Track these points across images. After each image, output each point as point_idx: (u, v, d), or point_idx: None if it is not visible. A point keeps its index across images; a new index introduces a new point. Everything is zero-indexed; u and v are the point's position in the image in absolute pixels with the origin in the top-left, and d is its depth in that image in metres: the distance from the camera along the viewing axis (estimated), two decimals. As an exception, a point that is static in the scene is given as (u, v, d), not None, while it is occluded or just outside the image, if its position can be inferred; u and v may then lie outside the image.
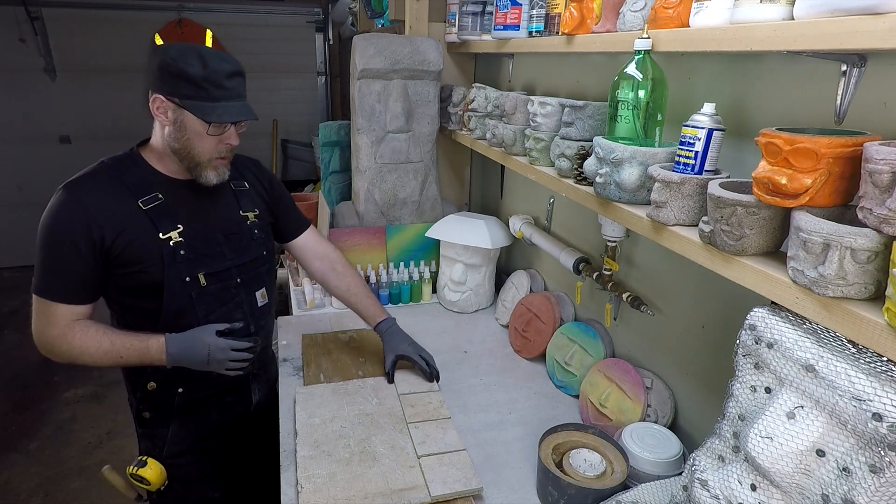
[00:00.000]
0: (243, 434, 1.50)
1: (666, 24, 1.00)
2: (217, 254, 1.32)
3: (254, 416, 1.52)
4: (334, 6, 4.47)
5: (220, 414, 1.44)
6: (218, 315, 1.33)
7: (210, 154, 1.26)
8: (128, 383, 1.39)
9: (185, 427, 1.40)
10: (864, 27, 0.64)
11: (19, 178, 4.78)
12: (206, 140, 1.24)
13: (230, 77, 1.22)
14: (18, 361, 3.56)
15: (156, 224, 1.24)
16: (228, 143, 1.27)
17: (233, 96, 1.23)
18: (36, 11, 4.44)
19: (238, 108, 1.24)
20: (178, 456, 1.40)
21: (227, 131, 1.25)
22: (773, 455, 0.74)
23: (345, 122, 2.35)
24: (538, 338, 1.76)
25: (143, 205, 1.24)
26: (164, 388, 1.35)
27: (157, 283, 1.24)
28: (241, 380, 1.45)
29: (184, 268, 1.26)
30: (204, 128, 1.22)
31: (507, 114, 1.57)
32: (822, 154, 0.70)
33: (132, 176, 1.26)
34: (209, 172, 1.28)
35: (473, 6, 1.86)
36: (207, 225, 1.33)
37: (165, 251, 1.24)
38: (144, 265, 1.23)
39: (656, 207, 0.96)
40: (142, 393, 1.35)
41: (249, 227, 1.40)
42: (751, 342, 0.83)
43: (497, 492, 1.23)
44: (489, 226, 2.01)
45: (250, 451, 1.53)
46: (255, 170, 1.51)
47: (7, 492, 2.56)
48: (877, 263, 0.66)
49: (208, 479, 1.46)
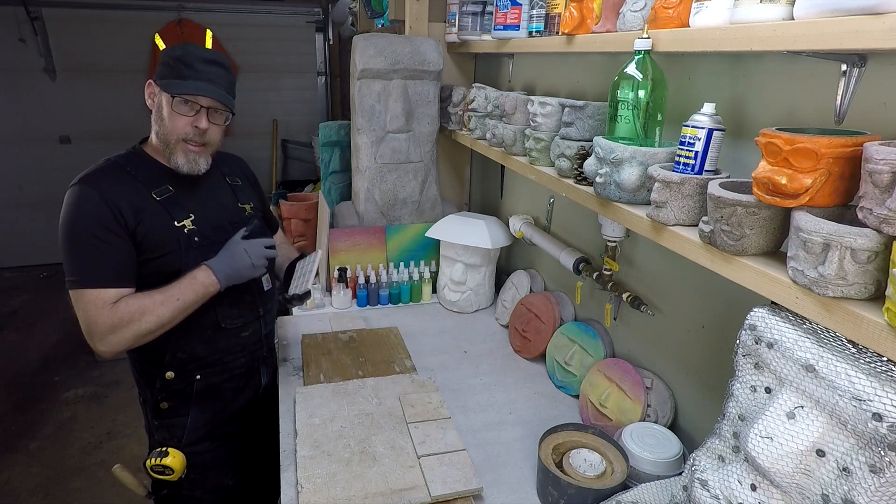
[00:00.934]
0: (253, 419, 1.56)
1: (666, 24, 1.00)
2: (226, 240, 1.37)
3: (261, 401, 1.58)
4: (334, 6, 4.47)
5: (234, 398, 1.50)
6: (231, 298, 1.39)
7: (178, 133, 1.28)
8: (142, 378, 1.42)
9: (204, 413, 1.45)
10: (864, 27, 0.64)
11: (19, 178, 4.78)
12: (176, 119, 1.27)
13: (205, 62, 1.28)
14: (18, 361, 3.56)
15: (170, 213, 1.30)
16: (196, 125, 1.28)
17: (202, 78, 1.27)
18: (36, 11, 4.44)
19: (202, 87, 1.27)
20: (196, 443, 1.45)
21: (197, 114, 1.28)
22: (773, 455, 0.74)
23: (345, 122, 2.35)
24: (538, 338, 1.76)
25: (156, 196, 1.29)
26: (182, 376, 1.39)
27: (175, 270, 1.29)
28: (252, 364, 1.52)
29: (199, 253, 1.32)
30: (170, 104, 1.26)
31: (507, 114, 1.57)
32: (822, 154, 0.70)
33: (141, 170, 1.31)
34: (179, 156, 1.31)
35: (473, 6, 1.86)
36: (215, 214, 1.39)
37: (181, 238, 1.30)
38: (163, 251, 1.28)
39: (656, 207, 0.96)
40: (161, 383, 1.38)
41: (248, 218, 1.47)
42: (751, 342, 0.83)
43: (497, 492, 1.23)
44: (489, 226, 2.01)
45: (258, 439, 1.58)
46: (244, 167, 1.60)
47: (7, 492, 2.56)
48: (877, 263, 0.66)
49: (223, 467, 1.51)
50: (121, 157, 1.32)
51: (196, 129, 1.29)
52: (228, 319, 1.41)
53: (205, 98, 1.27)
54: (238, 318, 1.43)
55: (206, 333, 1.39)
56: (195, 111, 1.28)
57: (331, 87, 5.54)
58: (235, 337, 1.44)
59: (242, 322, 1.45)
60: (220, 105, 1.30)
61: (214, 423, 1.47)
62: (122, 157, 1.32)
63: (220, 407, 1.47)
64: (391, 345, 1.79)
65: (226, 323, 1.41)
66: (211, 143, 1.34)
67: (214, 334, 1.40)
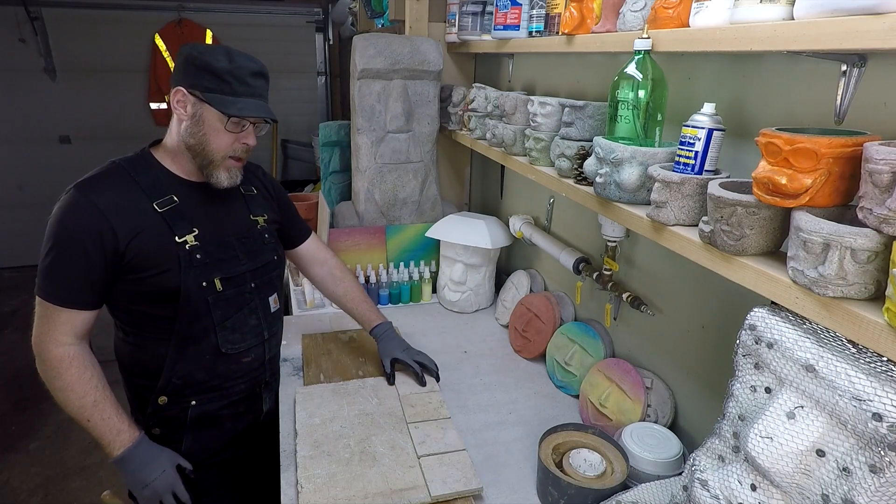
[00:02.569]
0: (253, 444, 1.48)
1: (666, 24, 1.00)
2: (232, 258, 1.30)
3: (262, 425, 1.50)
4: (334, 6, 4.46)
5: (233, 425, 1.41)
6: (234, 321, 1.31)
7: (224, 151, 1.23)
8: (133, 401, 1.35)
9: (198, 440, 1.36)
10: (864, 27, 0.64)
11: (19, 178, 4.77)
12: (223, 136, 1.21)
13: (254, 76, 1.21)
14: (18, 361, 3.55)
15: (171, 227, 1.21)
16: (245, 142, 1.24)
17: (254, 94, 1.22)
18: (36, 11, 4.44)
19: (259, 106, 1.23)
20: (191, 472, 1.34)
21: (244, 130, 1.24)
22: (773, 455, 0.74)
23: (345, 122, 2.35)
24: (538, 338, 1.76)
25: (158, 207, 1.21)
26: (176, 401, 1.30)
27: (173, 289, 1.20)
28: (253, 390, 1.43)
29: (200, 272, 1.23)
30: (222, 122, 1.20)
31: (507, 114, 1.57)
32: (822, 154, 0.70)
33: (146, 177, 1.23)
34: (221, 173, 1.25)
35: (473, 6, 1.86)
36: (221, 228, 1.30)
37: (182, 255, 1.21)
38: (160, 269, 1.19)
39: (656, 207, 0.96)
40: (152, 408, 1.30)
41: (260, 232, 1.38)
42: (751, 342, 0.83)
43: (497, 492, 1.23)
44: (489, 226, 2.01)
45: (258, 461, 1.51)
46: (262, 175, 1.51)
47: (7, 492, 2.55)
48: (877, 263, 0.66)
49: (219, 494, 1.43)
50: (126, 162, 1.24)
51: (245, 146, 1.25)
52: (230, 344, 1.31)
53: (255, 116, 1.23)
54: (240, 343, 1.34)
55: (204, 359, 1.29)
56: (242, 128, 1.23)
57: (331, 87, 5.54)
58: (236, 363, 1.35)
59: (245, 347, 1.35)
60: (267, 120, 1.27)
61: (211, 450, 1.38)
62: (127, 162, 1.24)
63: (216, 434, 1.38)
64: (391, 345, 1.78)
65: (226, 348, 1.31)
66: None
67: (214, 360, 1.31)
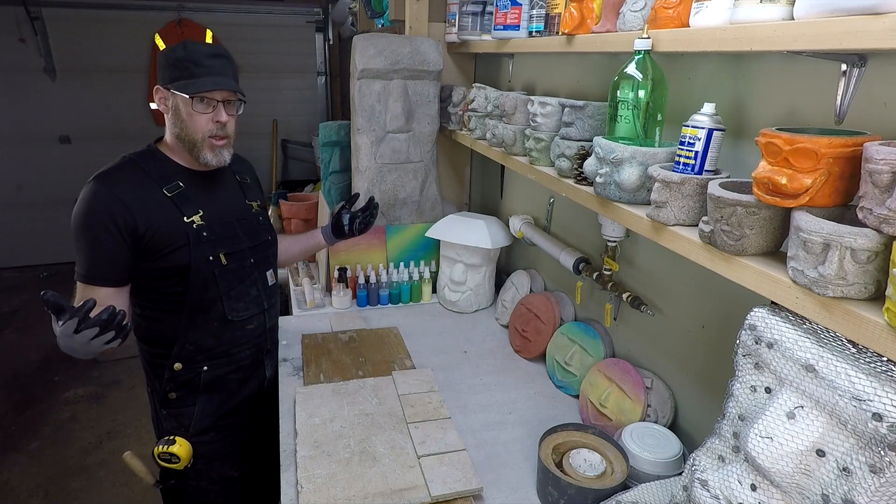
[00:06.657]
0: (259, 411, 1.62)
1: (666, 24, 1.00)
2: (233, 235, 1.45)
3: (265, 394, 1.63)
4: (334, 6, 4.47)
5: (240, 389, 1.55)
6: (237, 291, 1.46)
7: (203, 132, 1.34)
8: (152, 369, 1.48)
9: (210, 403, 1.50)
10: (864, 27, 0.64)
11: (19, 178, 4.77)
12: (196, 118, 1.33)
13: (211, 57, 1.32)
14: (18, 361, 3.56)
15: (180, 209, 1.36)
16: (218, 120, 1.35)
17: (213, 73, 1.32)
18: (36, 11, 4.44)
19: (215, 81, 1.32)
20: (203, 433, 1.50)
21: (215, 109, 1.34)
22: (773, 455, 0.74)
23: (345, 122, 2.35)
24: (538, 338, 1.76)
25: (167, 192, 1.36)
26: (190, 367, 1.46)
27: (184, 264, 1.36)
28: (257, 356, 1.58)
29: (207, 248, 1.38)
30: (189, 104, 1.31)
31: (507, 114, 1.57)
32: (822, 154, 0.70)
33: (154, 167, 1.38)
34: (206, 153, 1.37)
35: (473, 6, 1.86)
36: (222, 210, 1.46)
37: (191, 233, 1.36)
38: (174, 247, 1.34)
39: (656, 207, 0.96)
40: (169, 373, 1.44)
41: (255, 215, 1.54)
42: (751, 342, 0.83)
43: (497, 492, 1.23)
44: (489, 226, 2.01)
45: (264, 431, 1.63)
46: (251, 170, 1.65)
47: (7, 492, 2.56)
48: (877, 263, 0.66)
49: (229, 458, 1.57)
50: (137, 155, 1.39)
51: (218, 124, 1.35)
52: (235, 312, 1.47)
53: (219, 92, 1.33)
54: (244, 311, 1.49)
55: (213, 326, 1.45)
56: (212, 107, 1.33)
57: (331, 87, 5.54)
58: (241, 329, 1.50)
59: (248, 315, 1.51)
60: (234, 95, 1.36)
61: (220, 413, 1.52)
62: (138, 155, 1.39)
63: (225, 397, 1.53)
64: (391, 345, 1.79)
65: (232, 315, 1.47)
66: (230, 135, 1.41)
67: (221, 327, 1.46)
